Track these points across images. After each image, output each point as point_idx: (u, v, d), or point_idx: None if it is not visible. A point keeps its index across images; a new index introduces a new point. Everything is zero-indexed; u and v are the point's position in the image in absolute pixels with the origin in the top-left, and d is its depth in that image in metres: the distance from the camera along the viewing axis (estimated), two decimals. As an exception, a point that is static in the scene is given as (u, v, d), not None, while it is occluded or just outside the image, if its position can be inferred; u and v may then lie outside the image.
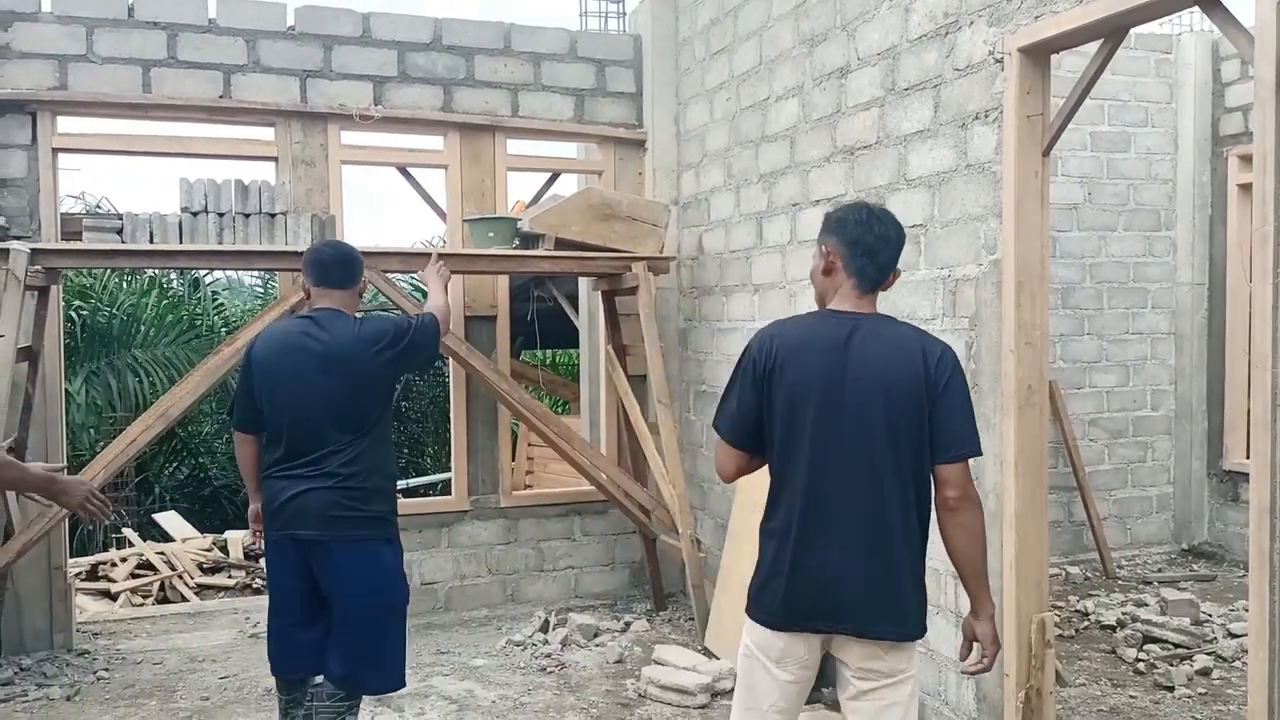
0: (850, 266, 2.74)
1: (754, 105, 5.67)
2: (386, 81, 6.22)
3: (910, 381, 2.62)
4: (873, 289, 2.77)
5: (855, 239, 2.75)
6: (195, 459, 13.75)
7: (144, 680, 5.30)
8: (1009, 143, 3.72)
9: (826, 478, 2.62)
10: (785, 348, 2.68)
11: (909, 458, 2.62)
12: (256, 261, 5.61)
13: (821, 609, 2.65)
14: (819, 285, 2.85)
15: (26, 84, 5.58)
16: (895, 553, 2.64)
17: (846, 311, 2.73)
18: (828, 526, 2.62)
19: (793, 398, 2.65)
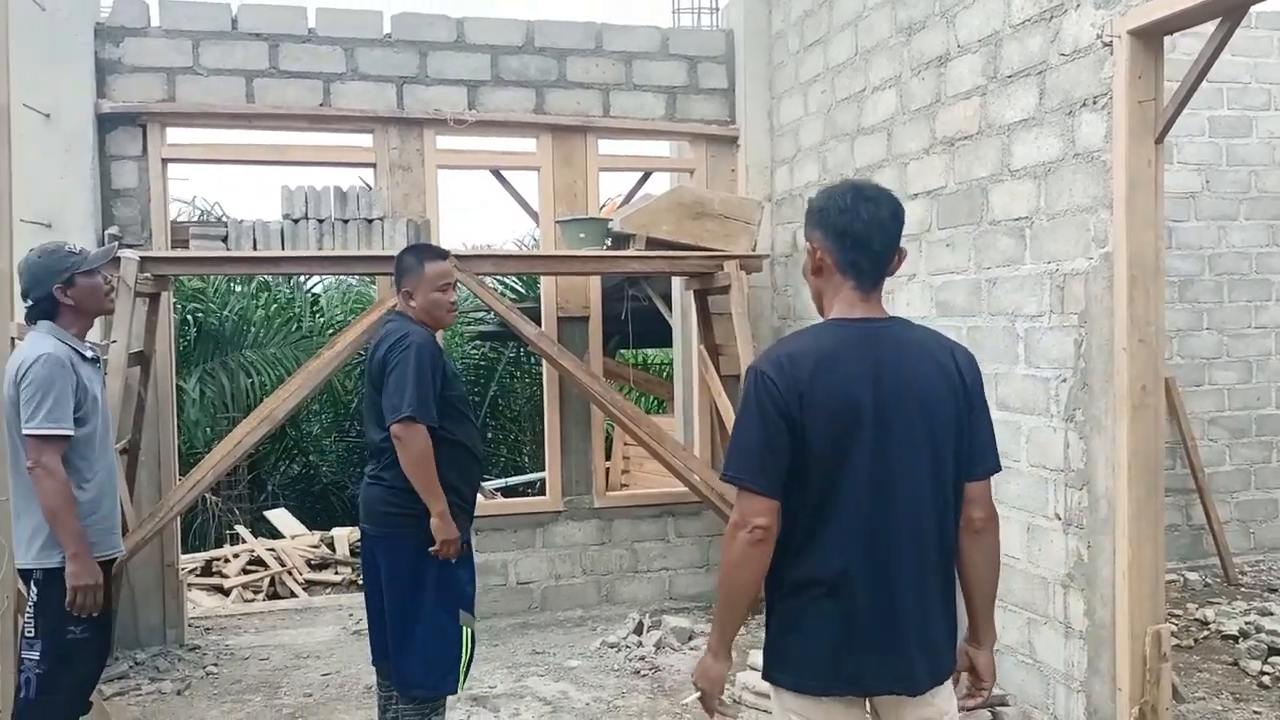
0: (842, 263, 2.29)
1: (849, 97, 5.54)
2: (480, 85, 6.27)
3: (948, 394, 2.29)
4: (875, 285, 2.32)
5: (842, 229, 2.29)
6: (305, 457, 14.15)
7: (250, 676, 5.44)
8: (1119, 130, 3.54)
9: (882, 514, 2.24)
10: (809, 368, 2.22)
11: (949, 480, 2.30)
12: (354, 266, 5.71)
13: (878, 667, 2.27)
14: (811, 288, 2.42)
15: (137, 97, 5.77)
16: (942, 589, 2.32)
17: (858, 319, 2.29)
18: (888, 571, 2.25)
19: (833, 426, 2.22)
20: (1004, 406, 4.25)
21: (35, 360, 3.30)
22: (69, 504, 3.33)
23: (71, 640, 3.37)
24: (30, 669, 3.34)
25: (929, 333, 2.42)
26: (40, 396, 3.26)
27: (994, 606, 2.45)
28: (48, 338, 3.40)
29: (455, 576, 3.80)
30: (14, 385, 3.32)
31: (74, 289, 3.49)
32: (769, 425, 2.21)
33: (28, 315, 3.54)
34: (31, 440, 3.27)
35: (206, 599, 8.83)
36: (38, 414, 3.26)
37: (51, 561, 3.34)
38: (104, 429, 3.54)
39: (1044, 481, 4.00)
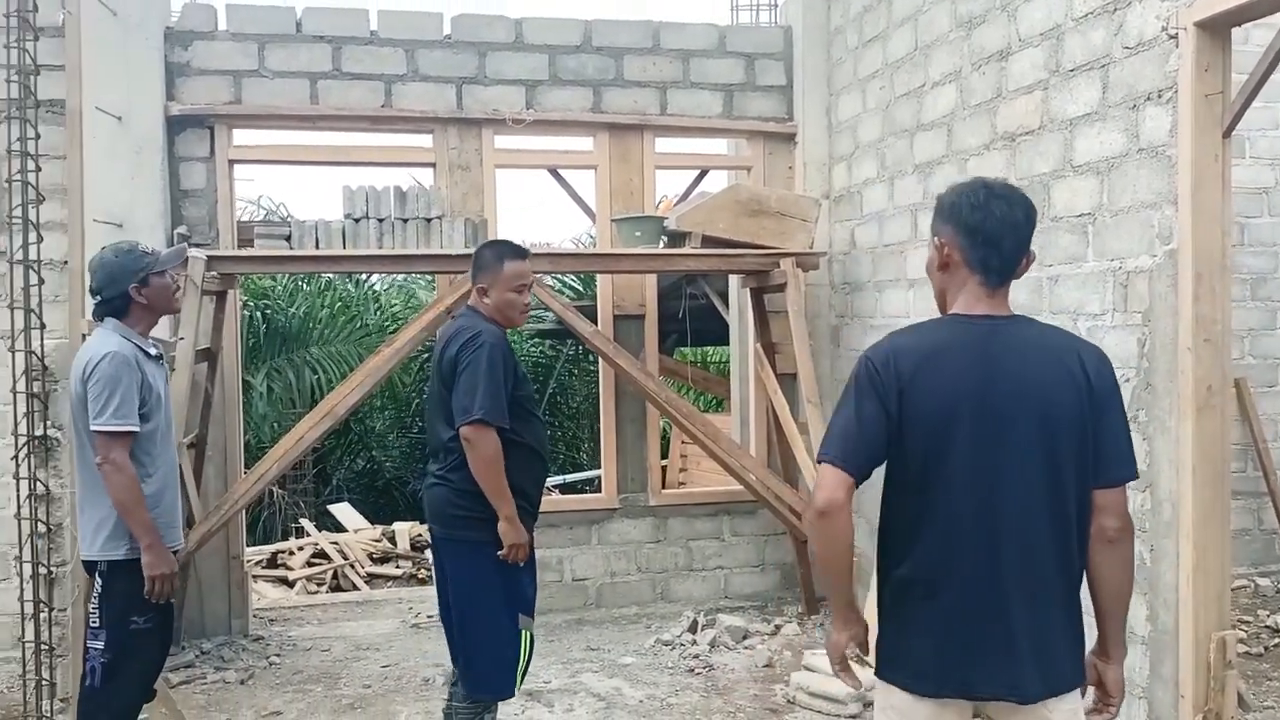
0: (971, 259, 2.27)
1: (909, 93, 5.48)
2: (538, 85, 6.31)
3: (1070, 396, 2.21)
4: (1002, 283, 2.29)
5: (973, 226, 2.27)
6: (369, 453, 14.38)
7: (311, 667, 5.55)
8: (1185, 124, 3.45)
9: (985, 515, 2.20)
10: (913, 362, 2.21)
11: (1071, 485, 2.21)
12: (414, 265, 5.80)
13: (985, 671, 2.22)
14: (935, 284, 2.38)
15: (205, 99, 5.91)
16: (1063, 598, 2.24)
17: (979, 315, 2.27)
18: (989, 571, 2.20)
19: (932, 422, 2.19)
20: (1065, 407, 4.17)
21: (102, 358, 3.39)
22: (139, 497, 3.42)
23: (135, 630, 3.47)
24: (95, 658, 3.44)
25: (1056, 331, 2.36)
26: (108, 394, 3.36)
27: (1126, 619, 2.38)
28: (113, 335, 3.50)
29: (518, 580, 3.78)
30: (81, 382, 3.42)
31: (148, 288, 3.58)
32: (864, 411, 2.22)
33: (95, 312, 3.64)
34: (100, 436, 3.37)
35: (272, 590, 9.03)
36: (105, 411, 3.35)
37: (116, 553, 3.45)
38: (166, 425, 3.63)
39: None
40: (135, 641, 3.49)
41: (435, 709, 4.86)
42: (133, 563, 3.45)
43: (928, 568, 2.25)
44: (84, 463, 3.49)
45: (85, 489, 3.51)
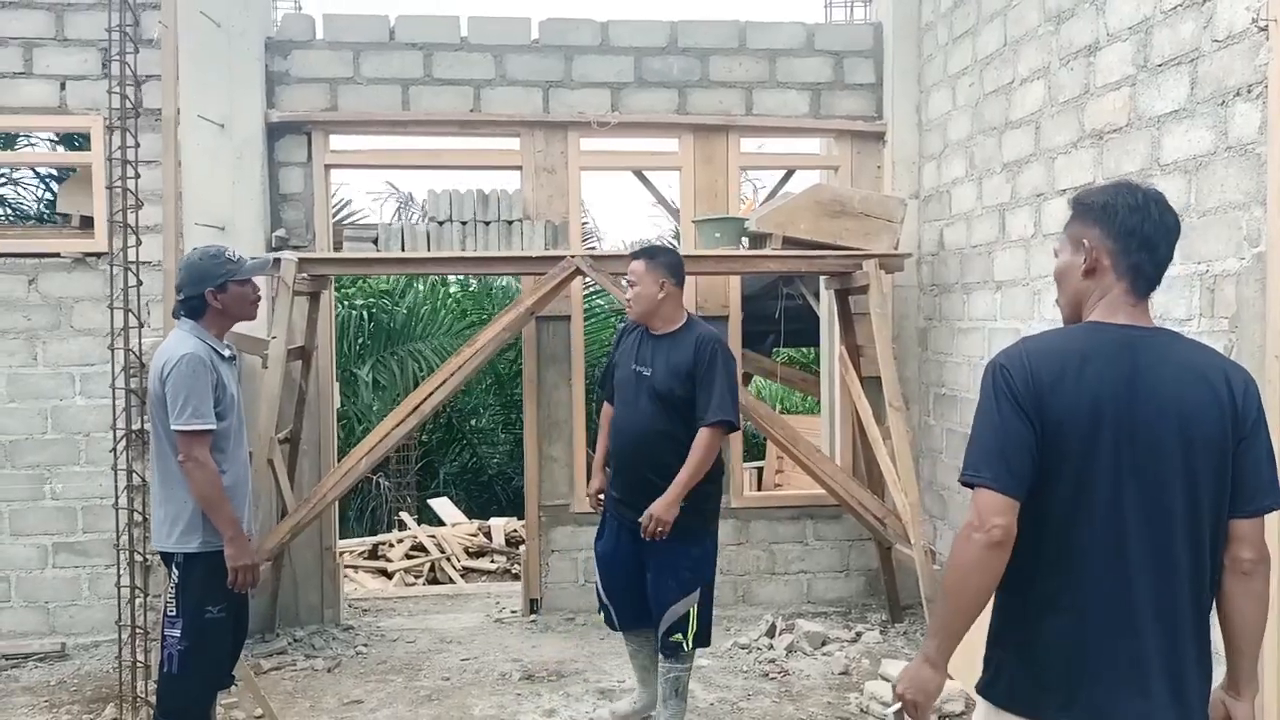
0: (1122, 265, 2.14)
1: (997, 90, 5.32)
2: (623, 87, 6.35)
3: (1214, 418, 2.08)
4: (1149, 291, 2.18)
5: (1131, 229, 2.13)
6: (473, 449, 14.68)
7: (396, 657, 5.70)
8: (1275, 121, 3.27)
9: (1122, 536, 2.07)
10: (1052, 369, 2.08)
11: (1208, 513, 2.09)
12: (494, 266, 5.89)
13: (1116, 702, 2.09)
14: (1073, 290, 2.22)
15: (303, 106, 6.13)
16: (1196, 631, 2.13)
17: (1121, 325, 2.13)
18: (1124, 598, 2.08)
19: (1071, 434, 2.06)
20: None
21: (179, 360, 3.54)
22: (221, 492, 3.58)
23: (210, 619, 3.62)
24: (172, 645, 3.60)
25: (1201, 348, 2.22)
26: (185, 394, 3.51)
27: (1258, 654, 2.25)
28: (189, 337, 3.65)
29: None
30: (160, 383, 3.58)
31: (225, 294, 3.72)
32: (1008, 421, 2.08)
33: (175, 309, 3.80)
34: (180, 436, 3.52)
35: (371, 581, 9.32)
36: (185, 411, 3.51)
37: (191, 546, 3.60)
38: (239, 425, 3.78)
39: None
40: (210, 630, 3.64)
41: (509, 703, 4.95)
42: (208, 555, 3.60)
43: (1058, 589, 2.12)
44: (161, 459, 3.66)
45: (162, 484, 3.68)
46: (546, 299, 5.65)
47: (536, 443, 6.36)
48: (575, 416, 6.39)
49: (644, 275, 4.29)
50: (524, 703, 4.96)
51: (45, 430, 5.84)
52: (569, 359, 6.36)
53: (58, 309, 5.84)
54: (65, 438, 5.84)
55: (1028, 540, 2.10)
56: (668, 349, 4.24)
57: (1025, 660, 2.16)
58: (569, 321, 6.34)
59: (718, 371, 4.10)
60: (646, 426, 4.23)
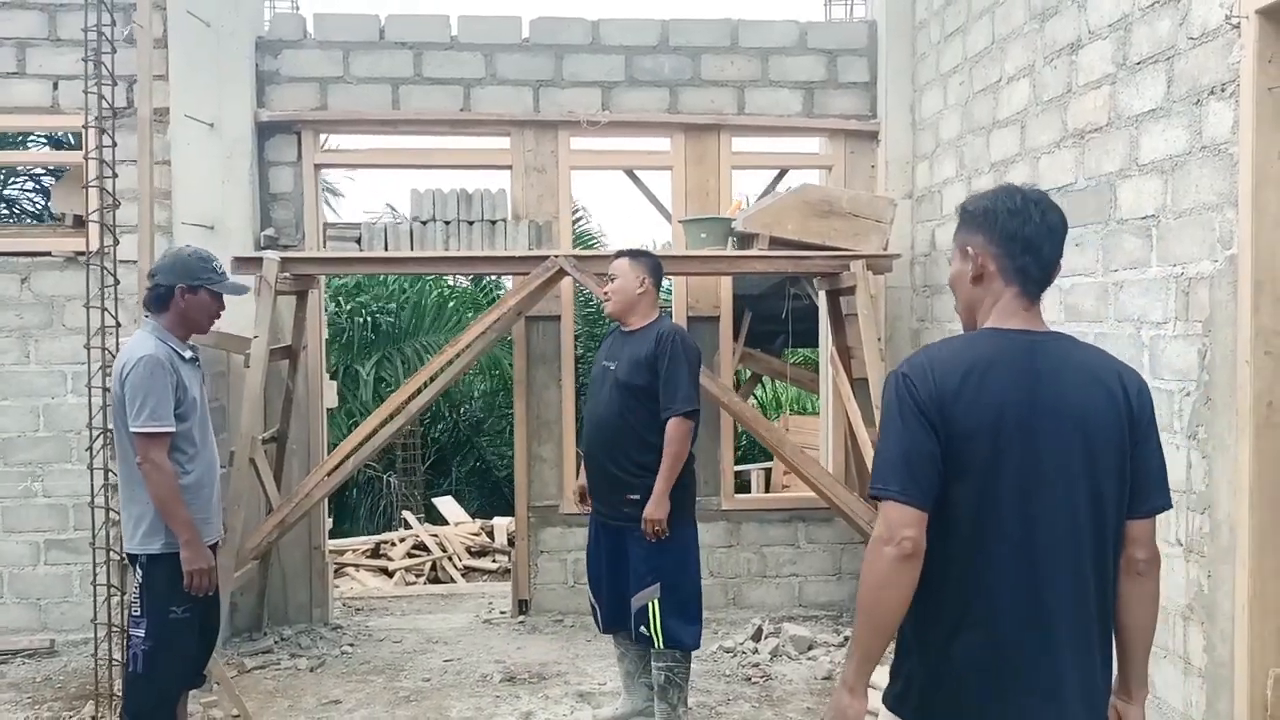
0: (1009, 270, 2.13)
1: (986, 89, 5.25)
2: (614, 86, 6.32)
3: (1112, 420, 2.08)
4: (1039, 294, 2.16)
5: (1012, 233, 2.13)
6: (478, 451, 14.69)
7: (380, 658, 5.70)
8: (1246, 120, 3.19)
9: (1031, 543, 2.05)
10: (952, 380, 2.04)
11: (1109, 513, 2.09)
12: (479, 266, 5.89)
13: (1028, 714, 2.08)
14: (965, 297, 2.22)
15: (292, 106, 6.14)
16: (1101, 634, 2.12)
17: (1018, 330, 2.11)
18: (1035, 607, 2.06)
19: (975, 443, 2.03)
20: (1128, 420, 3.92)
21: (137, 361, 3.54)
22: (177, 496, 3.57)
23: (174, 620, 3.62)
24: (137, 645, 3.61)
25: (1095, 351, 2.22)
26: (143, 396, 3.51)
27: (1149, 656, 2.25)
28: (150, 338, 3.65)
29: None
30: (119, 384, 3.58)
31: (193, 296, 3.72)
32: (913, 432, 2.04)
33: (145, 298, 3.80)
34: (138, 438, 3.52)
35: (372, 580, 9.33)
36: (141, 413, 3.51)
37: (153, 547, 3.61)
38: (202, 427, 3.77)
39: (1166, 504, 3.67)
40: (174, 631, 3.64)
41: (486, 705, 4.94)
42: (170, 556, 3.60)
43: (969, 600, 2.08)
44: (124, 460, 3.66)
45: (126, 485, 3.68)
46: (533, 299, 5.63)
47: (526, 443, 6.35)
48: (565, 417, 6.37)
49: (627, 270, 4.43)
50: (501, 705, 4.94)
51: (37, 428, 5.89)
52: (559, 359, 6.34)
53: (50, 308, 5.88)
54: (57, 435, 5.88)
55: (936, 552, 2.05)
56: (634, 343, 4.32)
57: (936, 674, 2.11)
58: (559, 321, 6.31)
59: (679, 363, 4.16)
60: (606, 417, 4.33)
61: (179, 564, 3.62)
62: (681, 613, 4.24)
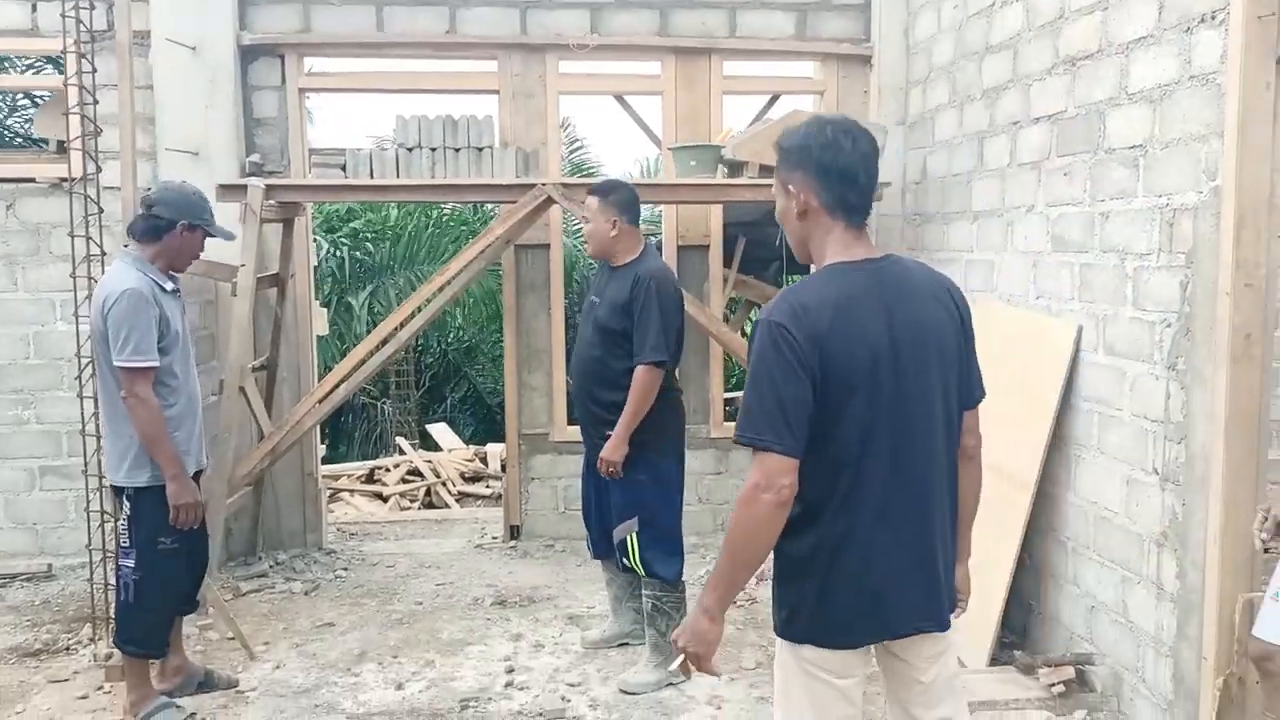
0: (829, 201, 2.24)
1: (979, 12, 5.16)
2: (603, 8, 6.20)
3: (952, 331, 2.34)
4: (865, 221, 2.30)
5: (826, 166, 2.22)
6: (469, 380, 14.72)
7: (373, 581, 5.80)
8: (1235, 49, 3.16)
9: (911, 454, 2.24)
10: (824, 320, 2.14)
11: (956, 415, 2.37)
12: (465, 194, 5.84)
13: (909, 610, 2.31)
14: (795, 233, 2.32)
15: (276, 28, 6.02)
16: (952, 524, 2.41)
17: (861, 260, 2.25)
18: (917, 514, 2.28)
19: (854, 374, 2.16)
20: (1110, 351, 3.95)
21: (120, 294, 3.55)
22: (163, 430, 3.61)
23: (162, 550, 3.71)
24: (127, 575, 3.70)
25: (923, 268, 2.43)
26: (127, 330, 3.52)
27: (972, 526, 2.55)
28: (131, 269, 3.65)
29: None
30: (101, 317, 3.58)
31: (190, 234, 3.79)
32: (789, 382, 2.12)
33: (132, 225, 3.80)
34: (123, 372, 3.55)
35: (366, 505, 9.44)
36: (126, 347, 3.53)
37: (140, 480, 3.66)
38: (184, 359, 3.80)
39: (1144, 433, 3.71)
40: (163, 561, 3.73)
41: (478, 627, 5.04)
42: (157, 489, 3.67)
43: (852, 526, 2.23)
44: (107, 393, 3.70)
45: (109, 419, 3.72)
46: (520, 227, 5.60)
47: (516, 371, 6.37)
48: (554, 345, 6.38)
49: (596, 213, 4.30)
50: (493, 627, 5.04)
51: (28, 355, 5.90)
52: (548, 288, 6.33)
53: (36, 234, 5.85)
54: (48, 363, 5.89)
55: (820, 484, 2.20)
56: (617, 282, 4.25)
57: (824, 596, 2.25)
58: (548, 250, 6.29)
59: (652, 310, 4.07)
60: (586, 353, 4.34)
61: (165, 496, 3.67)
62: (660, 546, 4.27)
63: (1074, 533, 4.23)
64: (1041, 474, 4.32)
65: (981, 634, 4.38)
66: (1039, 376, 4.36)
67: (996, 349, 4.82)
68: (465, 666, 4.55)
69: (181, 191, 3.83)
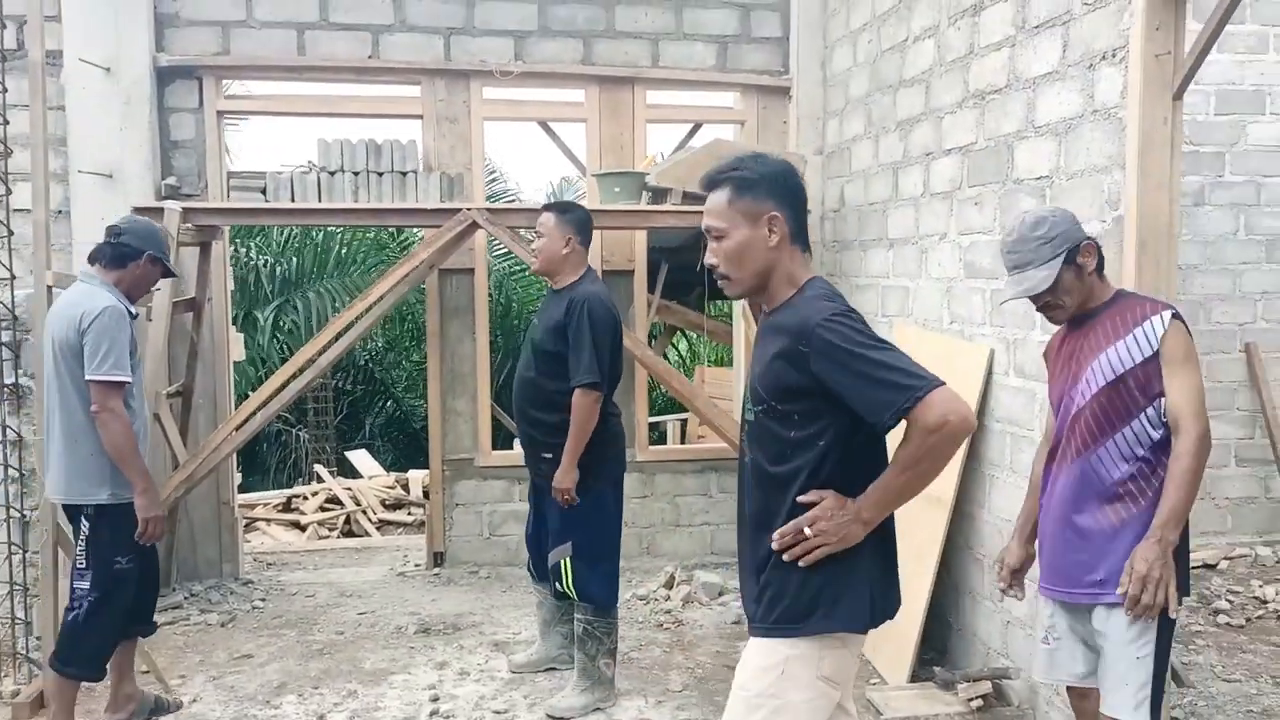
0: (796, 230, 2.34)
1: (893, 47, 5.33)
2: (527, 36, 6.24)
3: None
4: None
5: (801, 196, 2.37)
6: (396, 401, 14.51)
7: (292, 612, 5.68)
8: (1134, 85, 3.33)
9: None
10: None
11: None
12: (388, 219, 5.81)
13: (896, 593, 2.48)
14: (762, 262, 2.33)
15: (193, 50, 5.93)
16: None
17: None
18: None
19: None
20: (1021, 373, 4.10)
21: (103, 310, 3.60)
22: (134, 444, 3.66)
23: (119, 570, 3.73)
24: (82, 596, 3.70)
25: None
26: (107, 345, 3.56)
27: None
28: (104, 291, 3.70)
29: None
30: (77, 332, 3.59)
31: (150, 267, 3.87)
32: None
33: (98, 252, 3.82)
34: (98, 386, 3.56)
35: (283, 534, 9.24)
36: (105, 362, 3.56)
37: (100, 497, 3.68)
38: (139, 381, 3.87)
39: (1054, 453, 3.85)
40: (118, 581, 3.75)
41: (401, 656, 4.97)
42: (117, 507, 3.69)
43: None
44: (65, 410, 3.68)
45: (65, 436, 3.69)
46: (445, 252, 5.59)
47: (440, 396, 6.33)
48: (479, 370, 6.36)
49: (551, 229, 4.30)
50: (416, 655, 4.98)
51: (-73, 383, 5.67)
52: (472, 312, 6.31)
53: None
54: (-51, 391, 5.67)
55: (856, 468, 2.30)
56: (554, 305, 4.28)
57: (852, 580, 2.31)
58: (472, 275, 6.28)
59: (585, 333, 4.08)
60: (525, 377, 4.36)
61: (125, 514, 3.71)
62: (593, 571, 4.27)
63: (989, 549, 4.35)
64: (958, 493, 4.45)
65: (902, 651, 4.48)
66: (954, 399, 4.49)
67: (913, 372, 4.95)
68: (389, 696, 4.48)
69: (149, 225, 3.95)
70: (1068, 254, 2.80)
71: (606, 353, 4.16)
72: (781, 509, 2.31)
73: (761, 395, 2.33)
